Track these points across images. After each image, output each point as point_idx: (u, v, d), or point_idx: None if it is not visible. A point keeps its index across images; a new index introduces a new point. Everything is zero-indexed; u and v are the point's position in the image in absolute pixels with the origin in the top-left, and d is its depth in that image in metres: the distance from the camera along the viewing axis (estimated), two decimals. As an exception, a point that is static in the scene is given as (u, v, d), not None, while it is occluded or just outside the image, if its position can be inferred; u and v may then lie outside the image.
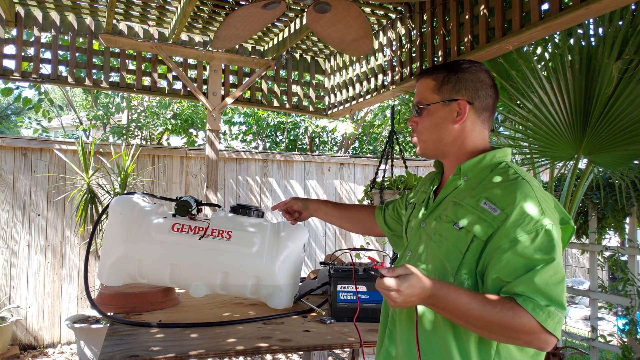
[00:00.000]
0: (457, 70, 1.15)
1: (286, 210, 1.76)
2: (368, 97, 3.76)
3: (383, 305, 1.32)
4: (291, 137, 8.18)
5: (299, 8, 3.40)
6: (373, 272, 1.05)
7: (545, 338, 0.98)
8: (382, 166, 3.15)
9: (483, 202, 1.06)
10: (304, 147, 8.32)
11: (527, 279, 0.98)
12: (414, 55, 3.26)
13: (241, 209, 2.18)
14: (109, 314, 2.08)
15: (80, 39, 3.69)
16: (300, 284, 2.36)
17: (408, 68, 3.28)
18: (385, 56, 3.56)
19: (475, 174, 1.14)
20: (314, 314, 2.11)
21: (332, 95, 4.41)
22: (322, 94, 4.55)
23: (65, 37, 3.57)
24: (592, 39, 2.46)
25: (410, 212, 1.35)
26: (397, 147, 3.10)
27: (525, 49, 2.83)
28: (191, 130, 6.93)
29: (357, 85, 3.94)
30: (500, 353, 1.05)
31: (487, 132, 1.18)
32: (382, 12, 3.44)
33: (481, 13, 2.61)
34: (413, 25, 3.25)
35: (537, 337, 0.98)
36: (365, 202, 2.95)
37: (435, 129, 1.16)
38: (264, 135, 8.16)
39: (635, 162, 2.60)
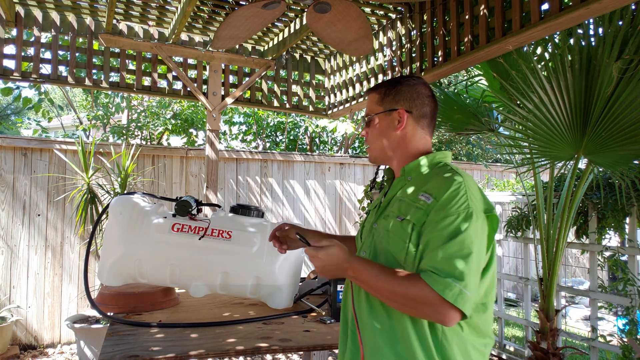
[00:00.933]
0: (396, 84, 1.30)
1: (277, 239, 1.58)
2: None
3: (342, 312, 1.36)
4: (291, 137, 8.18)
5: (299, 8, 3.40)
6: (302, 240, 1.26)
7: (444, 310, 1.05)
8: (382, 166, 3.15)
9: (421, 194, 1.17)
10: (304, 147, 8.32)
11: (433, 255, 1.08)
12: (414, 55, 3.26)
13: (241, 209, 2.19)
14: (109, 314, 2.08)
15: (80, 39, 3.69)
16: (300, 284, 2.36)
17: (408, 68, 3.28)
18: (385, 56, 3.56)
19: (417, 173, 1.26)
20: (314, 314, 2.11)
21: (332, 96, 4.41)
22: (322, 94, 4.55)
23: (65, 37, 3.57)
24: (592, 39, 2.46)
25: (365, 218, 1.45)
26: (397, 147, 3.11)
27: (525, 49, 2.83)
28: (191, 130, 6.93)
29: (357, 85, 3.93)
30: (446, 333, 1.12)
31: (428, 137, 1.31)
32: (382, 12, 3.44)
33: (481, 13, 2.61)
34: (413, 25, 3.25)
35: (437, 309, 1.05)
36: (365, 202, 2.95)
37: (381, 137, 1.31)
38: (264, 135, 8.16)
39: (635, 162, 2.60)
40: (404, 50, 3.34)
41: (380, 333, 1.17)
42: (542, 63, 2.72)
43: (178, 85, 4.27)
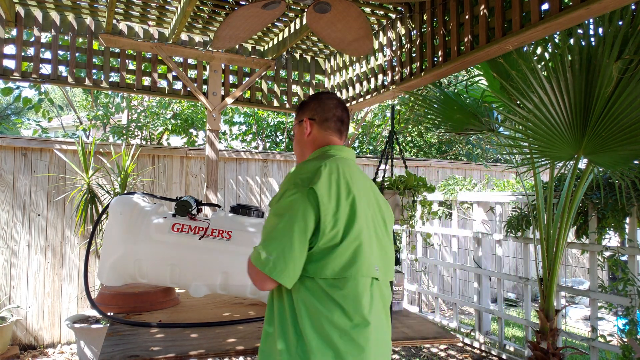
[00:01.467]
0: (306, 99, 1.56)
1: None
2: (368, 97, 3.76)
3: None
4: (291, 137, 8.18)
5: (299, 8, 3.40)
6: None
7: (256, 276, 1.25)
8: (382, 166, 3.15)
9: None
10: (304, 147, 8.31)
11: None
12: (414, 55, 3.26)
13: (241, 209, 2.19)
14: (109, 314, 2.08)
15: (80, 39, 3.69)
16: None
17: (408, 68, 3.28)
18: (385, 56, 3.56)
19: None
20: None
21: (332, 95, 4.41)
22: (322, 94, 4.55)
23: (65, 37, 3.57)
24: (592, 39, 2.46)
25: None
26: (397, 147, 3.10)
27: (525, 49, 2.83)
28: (191, 130, 6.93)
29: (357, 85, 3.93)
30: (300, 305, 1.26)
31: (333, 136, 1.50)
32: (382, 12, 3.44)
33: (481, 13, 2.61)
34: (413, 25, 3.25)
35: (252, 275, 1.27)
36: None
37: (298, 143, 1.54)
38: (264, 135, 8.16)
39: (635, 162, 2.60)
40: (404, 50, 3.34)
41: (268, 304, 1.35)
42: (542, 63, 2.72)
43: (178, 85, 4.27)
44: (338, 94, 4.28)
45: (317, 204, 1.23)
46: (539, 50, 2.89)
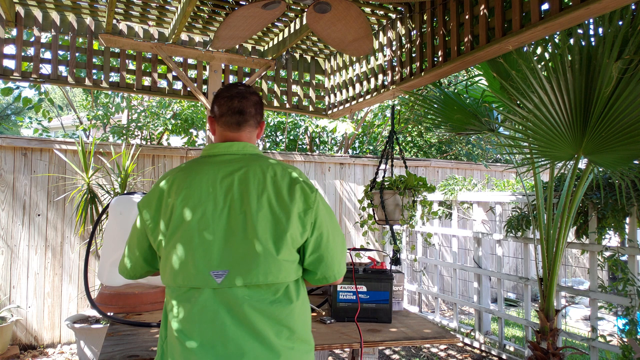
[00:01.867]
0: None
1: None
2: (368, 97, 3.76)
3: None
4: (291, 137, 8.18)
5: (299, 8, 3.40)
6: None
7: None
8: (382, 166, 3.15)
9: None
10: (304, 147, 8.32)
11: None
12: (414, 55, 3.26)
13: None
14: (109, 314, 2.08)
15: (80, 39, 3.69)
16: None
17: (408, 68, 3.28)
18: (385, 56, 3.56)
19: None
20: (314, 314, 2.11)
21: (332, 95, 4.41)
22: (322, 94, 4.55)
23: (65, 37, 3.57)
24: (592, 39, 2.46)
25: None
26: (397, 147, 3.11)
27: (525, 49, 2.83)
28: (191, 130, 6.93)
29: (357, 85, 3.93)
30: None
31: (227, 132, 1.43)
32: (382, 12, 3.44)
33: (481, 13, 2.61)
34: (413, 25, 3.25)
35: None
36: (365, 202, 2.95)
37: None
38: (264, 135, 8.16)
39: (635, 162, 2.60)
40: (404, 50, 3.34)
41: None
42: (542, 63, 2.72)
43: (178, 85, 4.27)
44: (338, 94, 4.28)
45: (141, 215, 1.34)
46: (539, 50, 2.89)
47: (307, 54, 4.41)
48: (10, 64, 3.41)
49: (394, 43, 3.45)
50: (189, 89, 3.90)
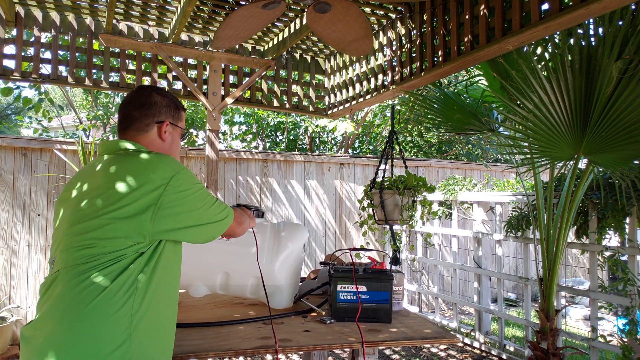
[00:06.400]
0: None
1: None
2: (368, 97, 3.76)
3: None
4: (291, 137, 8.18)
5: (299, 8, 3.40)
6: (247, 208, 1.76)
7: (236, 227, 1.65)
8: (382, 166, 3.15)
9: None
10: (304, 147, 8.32)
11: None
12: (414, 55, 3.26)
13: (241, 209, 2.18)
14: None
15: (80, 39, 3.69)
16: (300, 284, 2.36)
17: (408, 68, 3.28)
18: (385, 56, 3.56)
19: None
20: (314, 314, 2.11)
21: (332, 95, 4.41)
22: (322, 94, 4.55)
23: (65, 37, 3.57)
24: (592, 39, 2.46)
25: None
26: (397, 147, 3.11)
27: (525, 49, 2.83)
28: (191, 130, 6.93)
29: (357, 85, 3.93)
30: None
31: (120, 135, 1.50)
32: (382, 12, 3.44)
33: (481, 13, 2.61)
34: (413, 25, 3.25)
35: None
36: (365, 202, 2.95)
37: None
38: (264, 135, 8.16)
39: (635, 162, 2.60)
40: (404, 50, 3.34)
41: None
42: (542, 63, 2.72)
43: (178, 85, 4.27)
44: (338, 94, 4.28)
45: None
46: (539, 50, 2.89)
47: (307, 54, 4.41)
48: (10, 64, 3.42)
49: (394, 43, 3.46)
50: (189, 89, 3.90)
